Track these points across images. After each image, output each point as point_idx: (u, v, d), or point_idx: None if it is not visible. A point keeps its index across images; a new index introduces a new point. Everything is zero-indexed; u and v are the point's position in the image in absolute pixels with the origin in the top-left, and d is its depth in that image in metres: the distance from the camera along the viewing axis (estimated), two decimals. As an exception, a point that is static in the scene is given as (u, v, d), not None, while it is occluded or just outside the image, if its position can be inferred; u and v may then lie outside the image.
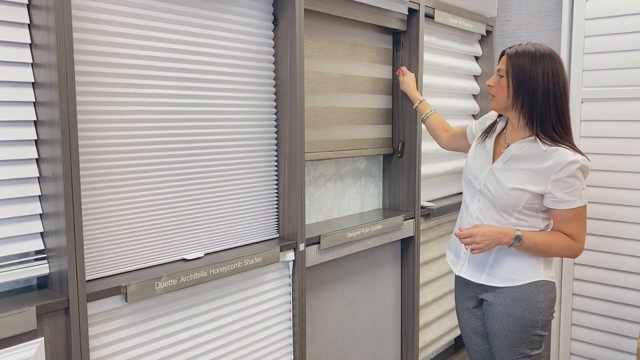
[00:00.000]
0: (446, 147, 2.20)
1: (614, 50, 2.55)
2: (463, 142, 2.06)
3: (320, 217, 2.20)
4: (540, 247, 1.71)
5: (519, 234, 1.69)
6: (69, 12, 1.20)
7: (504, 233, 1.70)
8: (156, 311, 1.49)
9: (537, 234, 1.73)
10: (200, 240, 1.66)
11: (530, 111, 1.67)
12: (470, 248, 1.71)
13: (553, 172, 1.65)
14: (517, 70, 1.67)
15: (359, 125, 2.26)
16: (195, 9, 1.58)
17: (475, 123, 2.01)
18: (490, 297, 1.82)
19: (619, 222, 2.59)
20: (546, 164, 1.66)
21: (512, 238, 1.69)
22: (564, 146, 1.66)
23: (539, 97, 1.65)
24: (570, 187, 1.65)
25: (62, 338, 1.26)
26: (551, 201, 1.69)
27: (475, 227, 1.73)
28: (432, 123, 2.21)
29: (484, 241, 1.68)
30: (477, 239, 1.68)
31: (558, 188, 1.66)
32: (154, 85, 1.49)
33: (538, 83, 1.65)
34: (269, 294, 1.81)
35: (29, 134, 1.24)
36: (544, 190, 1.67)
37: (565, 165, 1.63)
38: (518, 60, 1.67)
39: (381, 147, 2.40)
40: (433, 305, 2.73)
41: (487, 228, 1.71)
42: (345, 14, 2.05)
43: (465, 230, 1.72)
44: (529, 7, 2.92)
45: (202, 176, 1.64)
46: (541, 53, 1.66)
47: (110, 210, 1.43)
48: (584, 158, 1.66)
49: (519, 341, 1.76)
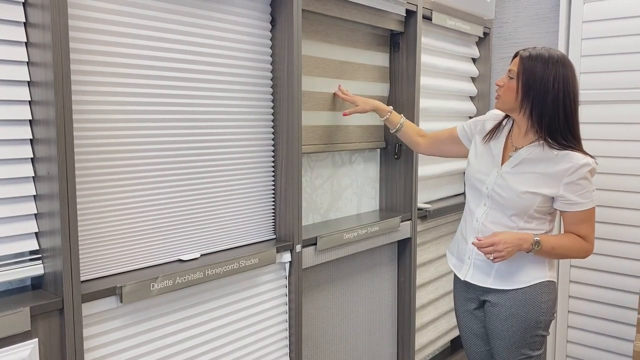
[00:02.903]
0: (426, 153, 2.10)
1: (611, 53, 2.56)
2: (453, 147, 2.00)
3: (317, 218, 2.19)
4: (557, 251, 1.71)
5: (537, 239, 1.68)
6: (65, 11, 1.19)
7: (523, 239, 1.67)
8: (152, 312, 1.48)
9: (553, 237, 1.73)
10: (196, 241, 1.65)
11: (539, 117, 1.66)
12: (492, 257, 1.66)
13: (565, 175, 1.65)
14: (528, 74, 1.65)
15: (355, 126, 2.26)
16: (193, 9, 1.57)
17: (468, 124, 1.96)
18: (493, 299, 1.81)
19: (616, 225, 2.59)
20: (558, 168, 1.66)
21: (531, 243, 1.67)
22: (573, 149, 1.66)
23: (548, 104, 1.64)
24: (582, 190, 1.66)
25: (57, 339, 1.25)
26: (563, 204, 1.69)
27: (494, 235, 1.68)
28: (407, 131, 2.09)
29: (506, 249, 1.64)
30: (499, 247, 1.64)
31: (570, 191, 1.66)
32: (150, 85, 1.48)
33: (548, 89, 1.63)
34: (265, 295, 1.80)
35: (24, 133, 1.23)
36: (556, 193, 1.67)
37: (578, 169, 1.64)
38: (530, 63, 1.65)
39: (377, 141, 2.40)
40: (429, 307, 2.73)
41: (507, 235, 1.67)
42: (342, 14, 2.04)
43: (485, 240, 1.67)
44: (527, 10, 2.93)
45: (198, 176, 1.64)
46: (554, 59, 1.64)
47: (105, 211, 1.42)
48: (593, 160, 1.67)
49: (521, 342, 1.76)
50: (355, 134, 2.27)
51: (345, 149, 2.22)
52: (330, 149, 2.13)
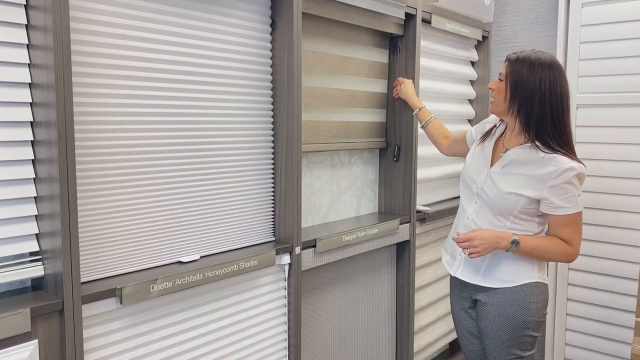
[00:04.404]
0: (446, 153, 2.21)
1: (609, 56, 2.57)
2: (463, 148, 2.07)
3: (316, 220, 2.20)
4: (536, 252, 1.73)
5: (516, 238, 1.70)
6: (67, 13, 1.20)
7: (501, 237, 1.71)
8: (151, 314, 1.49)
9: (534, 238, 1.75)
10: (196, 242, 1.66)
11: (527, 117, 1.69)
12: (468, 252, 1.72)
13: (550, 178, 1.66)
14: (514, 75, 1.69)
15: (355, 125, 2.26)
16: (193, 12, 1.58)
17: (475, 128, 2.02)
18: (483, 298, 1.83)
19: (614, 228, 2.60)
20: (544, 171, 1.67)
21: (509, 242, 1.70)
22: (561, 153, 1.67)
23: (535, 104, 1.66)
24: (566, 194, 1.67)
25: (57, 340, 1.25)
26: (547, 207, 1.70)
27: (473, 231, 1.74)
28: (433, 130, 2.21)
29: (481, 245, 1.69)
30: (475, 242, 1.69)
31: (554, 194, 1.67)
32: (151, 88, 1.49)
33: (535, 90, 1.66)
34: (264, 297, 1.81)
35: (26, 134, 1.23)
36: (541, 195, 1.69)
37: (562, 172, 1.65)
38: (517, 65, 1.69)
39: (377, 142, 2.40)
40: (428, 310, 2.73)
41: (485, 232, 1.72)
42: (342, 17, 2.05)
43: (463, 235, 1.73)
44: (526, 13, 2.94)
45: (198, 179, 1.64)
46: (541, 61, 1.66)
47: (106, 212, 1.42)
48: (580, 165, 1.67)
49: (510, 342, 1.77)
50: (357, 131, 2.28)
51: (346, 148, 2.22)
52: (330, 147, 2.13)
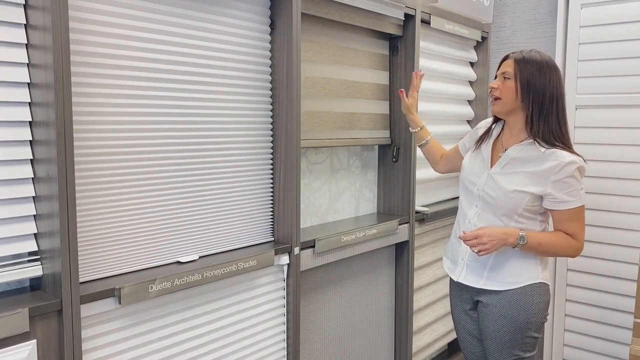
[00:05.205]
0: (441, 171, 2.18)
1: (608, 57, 2.57)
2: (458, 161, 2.05)
3: (315, 220, 2.20)
4: (543, 247, 1.73)
5: (523, 233, 1.70)
6: (66, 13, 1.20)
7: (509, 233, 1.70)
8: (150, 314, 1.49)
9: (540, 234, 1.75)
10: (194, 242, 1.66)
11: (537, 114, 1.71)
12: (477, 250, 1.70)
13: (552, 173, 1.67)
14: (526, 74, 1.70)
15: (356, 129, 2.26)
16: (192, 12, 1.58)
17: (466, 137, 2.03)
18: (485, 299, 1.82)
19: (612, 229, 2.60)
20: (545, 166, 1.68)
21: (517, 238, 1.70)
22: (560, 148, 1.69)
23: (546, 102, 1.70)
24: (569, 188, 1.68)
25: (55, 340, 1.25)
26: (551, 202, 1.71)
27: (480, 228, 1.73)
28: (431, 150, 2.16)
29: (490, 242, 1.68)
30: (483, 239, 1.68)
31: (557, 189, 1.68)
32: (150, 88, 1.49)
33: (545, 88, 1.69)
34: (263, 297, 1.81)
35: (24, 134, 1.23)
36: (544, 191, 1.69)
37: (564, 166, 1.66)
38: (527, 64, 1.71)
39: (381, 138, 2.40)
40: (427, 310, 2.73)
41: (492, 229, 1.71)
42: (341, 18, 2.05)
43: (470, 233, 1.71)
44: (525, 14, 2.94)
45: (197, 178, 1.64)
46: (546, 61, 1.72)
47: (104, 212, 1.42)
48: (580, 159, 1.69)
49: (512, 343, 1.77)
50: (361, 122, 2.28)
51: (347, 144, 2.21)
52: (332, 144, 2.13)
